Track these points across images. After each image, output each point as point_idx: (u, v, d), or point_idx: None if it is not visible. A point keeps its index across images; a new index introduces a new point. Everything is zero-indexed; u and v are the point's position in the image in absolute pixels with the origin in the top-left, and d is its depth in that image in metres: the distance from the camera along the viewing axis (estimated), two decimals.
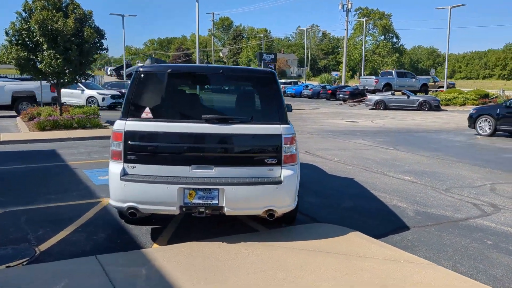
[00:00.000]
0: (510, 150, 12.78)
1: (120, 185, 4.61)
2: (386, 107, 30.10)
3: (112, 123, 16.62)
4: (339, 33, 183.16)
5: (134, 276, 3.89)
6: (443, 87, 41.95)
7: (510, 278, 4.31)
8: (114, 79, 51.83)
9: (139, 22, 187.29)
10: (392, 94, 32.31)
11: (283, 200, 4.70)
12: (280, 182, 4.64)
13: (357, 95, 39.15)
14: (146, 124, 4.66)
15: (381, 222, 5.95)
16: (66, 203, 6.46)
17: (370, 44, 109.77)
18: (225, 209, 4.58)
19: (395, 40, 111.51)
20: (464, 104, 32.62)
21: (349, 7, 51.21)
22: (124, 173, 4.63)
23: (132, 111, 4.71)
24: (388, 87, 37.37)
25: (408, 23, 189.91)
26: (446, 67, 40.21)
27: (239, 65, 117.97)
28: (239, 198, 4.56)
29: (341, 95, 40.99)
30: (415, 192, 7.58)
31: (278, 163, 4.71)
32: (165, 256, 4.34)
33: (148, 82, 4.76)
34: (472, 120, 17.10)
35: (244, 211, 4.68)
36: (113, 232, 5.30)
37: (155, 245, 4.89)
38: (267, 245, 4.66)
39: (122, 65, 63.63)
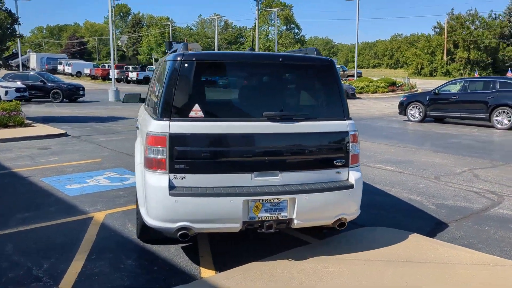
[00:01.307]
0: (451, 135, 13.43)
1: (169, 202, 3.72)
2: None
3: (35, 120, 14.64)
4: (241, 23, 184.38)
5: None
6: (352, 76, 43.86)
7: None
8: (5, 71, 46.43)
9: (24, 8, 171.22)
10: None
11: (353, 206, 4.16)
12: (352, 186, 4.08)
13: None
14: (197, 125, 3.80)
15: (413, 219, 5.66)
16: (49, 222, 5.28)
17: (273, 34, 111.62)
18: (295, 221, 3.92)
19: (296, 30, 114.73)
20: (376, 92, 34.36)
21: None
22: (171, 186, 3.75)
23: (176, 109, 3.82)
24: None
25: (307, 14, 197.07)
26: (356, 57, 41.95)
27: (140, 54, 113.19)
28: (312, 208, 3.92)
29: None
30: (413, 183, 7.46)
31: (346, 165, 4.14)
32: (239, 284, 3.58)
33: (195, 73, 3.89)
34: (403, 107, 17.86)
35: (314, 222, 4.04)
36: (141, 257, 4.35)
37: (204, 269, 4.07)
38: (340, 258, 4.10)
39: (12, 55, 57.54)
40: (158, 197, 3.76)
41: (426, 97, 17.11)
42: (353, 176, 4.16)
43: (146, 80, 52.95)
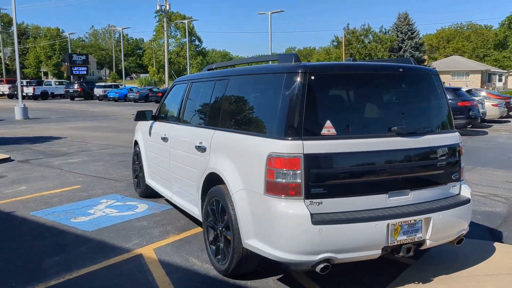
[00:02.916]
0: None
1: (311, 232, 3.28)
2: None
3: None
4: (138, 35, 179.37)
5: None
6: None
7: None
8: None
9: None
10: None
11: (468, 220, 4.04)
12: (469, 201, 3.97)
13: None
14: (332, 144, 3.41)
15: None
16: (94, 266, 4.42)
17: (174, 46, 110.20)
18: (428, 242, 3.69)
19: (197, 43, 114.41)
20: None
21: (167, 8, 50.33)
22: (311, 214, 3.31)
23: (307, 127, 3.40)
24: None
25: (208, 27, 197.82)
26: None
27: (26, 67, 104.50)
28: (444, 226, 3.73)
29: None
30: None
31: (458, 179, 4.03)
32: None
33: (319, 86, 3.50)
34: None
35: (442, 241, 3.83)
36: None
37: None
38: (462, 276, 3.95)
39: None
40: (296, 227, 3.30)
41: None
42: (465, 189, 4.06)
43: (43, 96, 48.91)
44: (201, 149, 4.55)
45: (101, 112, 30.07)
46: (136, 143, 7.14)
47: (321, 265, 3.34)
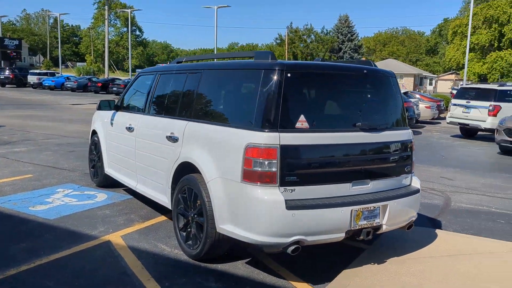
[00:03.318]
0: None
1: (285, 216, 3.59)
2: None
3: None
4: (73, 21, 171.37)
5: None
6: None
7: None
8: None
9: None
10: None
11: (417, 208, 4.53)
12: (418, 191, 4.46)
13: None
14: (305, 136, 3.74)
15: None
16: (65, 252, 4.47)
17: (114, 35, 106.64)
18: (384, 227, 4.13)
19: (138, 33, 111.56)
20: None
21: None
22: (285, 200, 3.62)
23: (284, 120, 3.69)
24: None
25: (150, 17, 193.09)
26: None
27: None
28: (398, 213, 4.18)
29: (114, 88, 39.14)
30: None
31: (410, 171, 4.51)
32: None
33: (294, 83, 3.80)
34: None
35: (395, 226, 4.27)
36: (219, 279, 4.02)
37: (297, 283, 3.98)
38: (411, 258, 4.43)
39: None
40: (272, 212, 3.59)
41: None
42: (416, 181, 4.54)
43: None
44: (172, 139, 4.71)
45: (37, 100, 28.77)
46: (94, 132, 7.11)
47: (292, 247, 3.65)
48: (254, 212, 3.65)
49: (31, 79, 45.98)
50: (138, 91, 6.11)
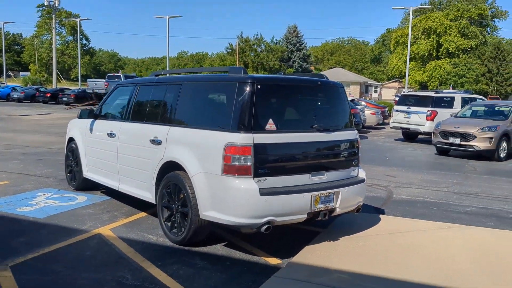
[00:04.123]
0: None
1: (259, 201, 4.42)
2: None
3: None
4: (14, 30, 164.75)
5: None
6: None
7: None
8: None
9: None
10: None
11: (363, 195, 5.49)
12: (364, 181, 5.43)
13: (85, 99, 37.75)
14: (273, 136, 4.60)
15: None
16: (61, 243, 5.06)
17: (59, 44, 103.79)
18: (337, 209, 5.04)
19: (85, 41, 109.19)
20: None
21: (57, 4, 48.06)
22: (259, 188, 4.45)
23: (256, 123, 4.54)
24: None
25: (96, 26, 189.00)
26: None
27: None
28: (349, 198, 5.11)
29: (64, 99, 38.58)
30: None
31: (357, 164, 5.47)
32: (330, 260, 4.52)
33: (263, 93, 4.65)
34: None
35: (346, 209, 5.19)
36: (205, 258, 4.78)
37: (270, 259, 4.81)
38: (359, 236, 5.37)
39: None
40: (248, 198, 4.40)
41: None
42: (362, 172, 5.51)
43: None
44: (155, 142, 5.43)
45: None
46: (71, 139, 7.64)
47: (265, 226, 4.48)
48: (233, 199, 4.45)
49: None
50: (117, 101, 6.75)
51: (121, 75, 38.77)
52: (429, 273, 4.25)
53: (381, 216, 6.35)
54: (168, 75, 6.34)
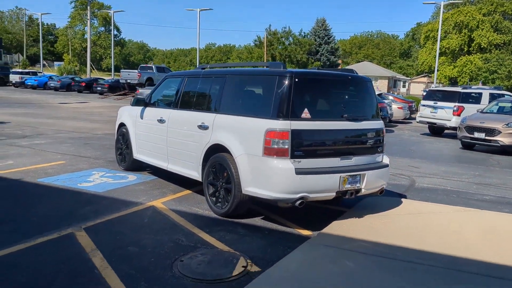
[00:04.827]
0: None
1: (295, 179, 5.11)
2: None
3: None
4: (48, 20, 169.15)
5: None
6: None
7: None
8: None
9: None
10: None
11: (387, 179, 6.13)
12: (387, 166, 6.06)
13: (118, 89, 39.04)
14: (308, 123, 5.28)
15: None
16: (123, 212, 5.90)
17: (91, 35, 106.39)
18: (363, 190, 5.69)
19: (116, 32, 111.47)
20: None
21: None
22: (294, 168, 5.15)
23: (293, 112, 5.23)
24: (150, 81, 38.47)
25: (126, 17, 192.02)
26: (198, 64, 44.11)
27: None
28: (373, 180, 5.76)
29: (98, 88, 39.97)
30: None
31: (382, 151, 6.11)
32: (356, 230, 5.21)
33: (300, 86, 5.33)
34: None
35: (371, 190, 5.84)
36: (248, 228, 5.53)
37: (302, 230, 5.52)
38: (382, 215, 6.02)
39: None
40: (285, 176, 5.11)
41: None
42: (386, 159, 6.15)
43: None
44: (203, 127, 6.19)
45: (24, 99, 29.52)
46: (121, 125, 8.49)
47: (299, 201, 5.18)
48: (272, 177, 5.17)
49: (13, 78, 46.34)
50: (166, 91, 7.55)
51: (153, 66, 39.84)
52: (442, 245, 4.88)
53: (403, 200, 6.97)
54: (210, 68, 7.08)
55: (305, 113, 5.29)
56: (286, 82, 5.27)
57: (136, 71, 38.92)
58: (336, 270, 4.14)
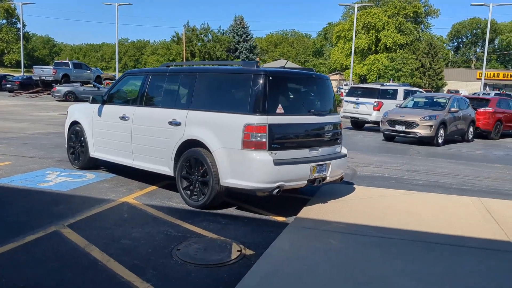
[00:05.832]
0: None
1: (273, 169, 5.55)
2: (77, 98, 30.56)
3: None
4: None
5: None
6: (110, 79, 44.60)
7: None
8: None
9: None
10: (81, 85, 32.88)
11: (345, 167, 6.79)
12: (346, 156, 6.72)
13: (30, 86, 36.84)
14: (282, 118, 5.75)
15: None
16: (99, 209, 5.95)
17: None
18: (328, 178, 6.29)
19: (19, 26, 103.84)
20: None
21: None
22: (272, 159, 5.59)
23: (269, 107, 5.65)
24: (66, 78, 36.66)
25: (30, 10, 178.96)
26: (117, 61, 42.78)
27: None
28: (336, 169, 6.37)
29: (8, 86, 37.42)
30: None
31: (340, 143, 6.75)
32: (331, 213, 5.76)
33: (274, 83, 5.76)
34: None
35: (333, 178, 6.43)
36: (224, 217, 5.86)
37: (276, 217, 5.97)
38: (343, 200, 6.66)
39: None
40: (264, 167, 5.53)
41: None
42: (344, 149, 6.80)
43: None
44: (174, 124, 6.40)
45: None
46: (74, 123, 8.35)
47: (276, 190, 5.63)
48: (252, 168, 5.55)
49: None
50: (128, 88, 7.59)
51: (69, 62, 38.04)
52: (403, 222, 5.60)
53: (355, 186, 7.70)
54: (175, 66, 7.26)
55: (279, 109, 5.75)
56: (261, 80, 5.67)
57: (51, 67, 36.89)
58: (325, 247, 4.65)
